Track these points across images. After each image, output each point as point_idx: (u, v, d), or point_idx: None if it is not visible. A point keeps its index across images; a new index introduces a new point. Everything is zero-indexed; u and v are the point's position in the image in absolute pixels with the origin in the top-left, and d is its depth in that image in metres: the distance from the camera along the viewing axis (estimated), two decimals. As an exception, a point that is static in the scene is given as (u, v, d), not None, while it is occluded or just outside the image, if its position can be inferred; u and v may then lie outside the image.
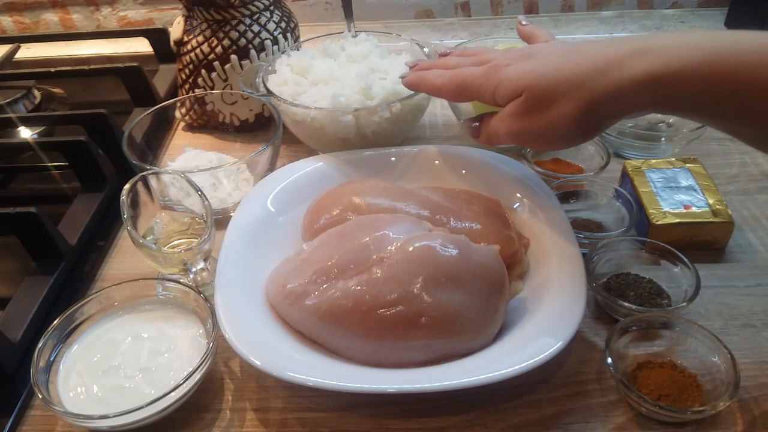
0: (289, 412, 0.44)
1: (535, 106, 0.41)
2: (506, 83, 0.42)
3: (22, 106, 0.80)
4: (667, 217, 0.53)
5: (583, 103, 0.39)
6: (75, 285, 0.55)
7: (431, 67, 0.50)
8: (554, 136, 0.42)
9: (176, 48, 0.74)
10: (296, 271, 0.47)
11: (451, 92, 0.48)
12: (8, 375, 0.47)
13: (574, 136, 0.42)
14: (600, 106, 0.39)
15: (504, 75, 0.43)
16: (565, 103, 0.39)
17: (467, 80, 0.46)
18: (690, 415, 0.40)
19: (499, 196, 0.55)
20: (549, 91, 0.40)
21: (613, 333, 0.43)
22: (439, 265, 0.43)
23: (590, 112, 0.39)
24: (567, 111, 0.39)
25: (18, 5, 1.02)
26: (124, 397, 0.42)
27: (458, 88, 0.47)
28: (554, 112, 0.40)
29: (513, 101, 0.42)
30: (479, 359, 0.42)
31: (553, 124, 0.41)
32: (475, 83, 0.45)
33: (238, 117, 0.73)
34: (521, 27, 0.53)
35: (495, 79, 0.43)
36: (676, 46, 0.36)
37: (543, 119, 0.41)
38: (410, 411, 0.43)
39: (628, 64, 0.37)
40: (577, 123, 0.40)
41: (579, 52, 0.41)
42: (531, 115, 0.41)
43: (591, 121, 0.40)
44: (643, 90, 0.37)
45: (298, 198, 0.55)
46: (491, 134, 0.46)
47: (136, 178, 0.50)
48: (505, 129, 0.44)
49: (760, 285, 0.51)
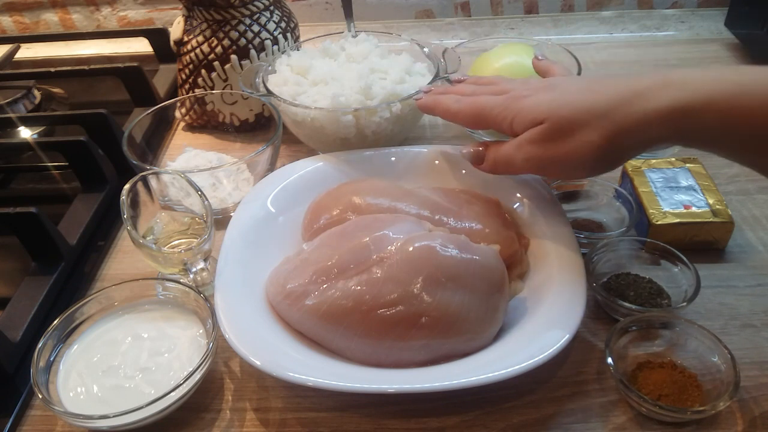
0: (289, 412, 0.44)
1: (558, 133, 0.41)
2: (526, 111, 0.42)
3: (22, 106, 0.80)
4: (667, 217, 0.53)
5: (607, 132, 0.39)
6: (75, 285, 0.55)
7: (447, 93, 0.51)
8: (576, 165, 0.41)
9: (176, 48, 0.74)
10: (296, 271, 0.47)
11: (468, 119, 0.48)
12: (8, 375, 0.47)
13: (596, 166, 0.41)
14: (624, 137, 0.39)
15: (524, 104, 0.43)
16: (589, 132, 0.39)
17: (486, 108, 0.46)
18: (690, 415, 0.40)
19: (499, 196, 0.55)
20: (572, 119, 0.40)
21: (613, 333, 0.43)
22: (439, 265, 0.43)
23: (614, 143, 0.39)
24: (591, 140, 0.39)
25: (18, 5, 1.02)
26: (124, 397, 0.42)
27: (476, 115, 0.47)
28: (577, 141, 0.40)
29: (533, 128, 0.42)
30: (479, 359, 0.42)
31: (575, 153, 0.40)
32: (494, 112, 0.45)
33: (238, 117, 0.73)
34: (537, 62, 0.53)
35: (514, 108, 0.43)
36: (699, 79, 0.36)
37: (565, 147, 0.41)
38: (410, 411, 0.43)
39: (652, 96, 0.37)
40: (601, 152, 0.40)
41: (601, 83, 0.41)
42: (552, 143, 0.41)
43: (614, 152, 0.40)
44: (668, 122, 0.37)
45: (298, 198, 0.55)
46: (502, 160, 0.46)
47: (136, 178, 0.50)
48: (522, 155, 0.43)
49: (760, 285, 0.51)
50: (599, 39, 0.92)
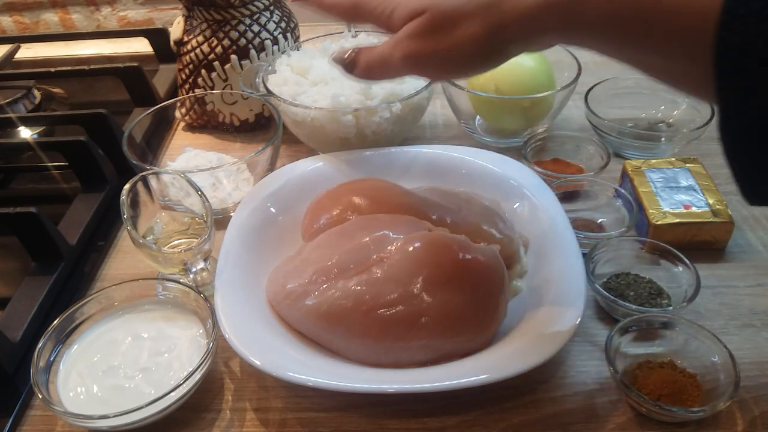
0: (289, 412, 0.44)
1: (438, 26, 0.38)
2: (406, 1, 0.39)
3: (22, 106, 0.80)
4: (667, 217, 0.53)
5: (490, 24, 0.37)
6: (75, 285, 0.55)
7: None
8: (458, 60, 0.39)
9: (176, 48, 0.74)
10: (296, 271, 0.47)
11: (344, 10, 0.43)
12: (8, 375, 0.47)
13: (476, 61, 0.39)
14: (506, 28, 0.37)
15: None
16: (471, 24, 0.37)
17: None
18: (690, 415, 0.40)
19: (499, 196, 0.55)
20: (455, 9, 0.37)
21: (613, 333, 0.43)
22: (439, 265, 0.43)
23: (496, 35, 0.37)
24: (473, 32, 0.37)
25: (18, 5, 1.02)
26: (124, 397, 0.42)
27: (353, 6, 0.43)
28: (459, 33, 0.37)
29: (412, 21, 0.39)
30: (479, 359, 0.42)
31: (457, 47, 0.38)
32: (372, 3, 0.41)
33: (238, 117, 0.73)
34: None
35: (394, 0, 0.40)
36: None
37: (446, 41, 0.38)
38: (410, 411, 0.43)
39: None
40: (482, 45, 0.37)
41: None
42: (432, 37, 0.38)
43: (496, 45, 0.38)
44: (549, 13, 0.35)
45: (298, 198, 0.55)
46: (378, 61, 0.42)
47: (136, 178, 0.50)
48: (401, 52, 0.40)
49: (760, 285, 0.51)
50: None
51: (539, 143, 0.65)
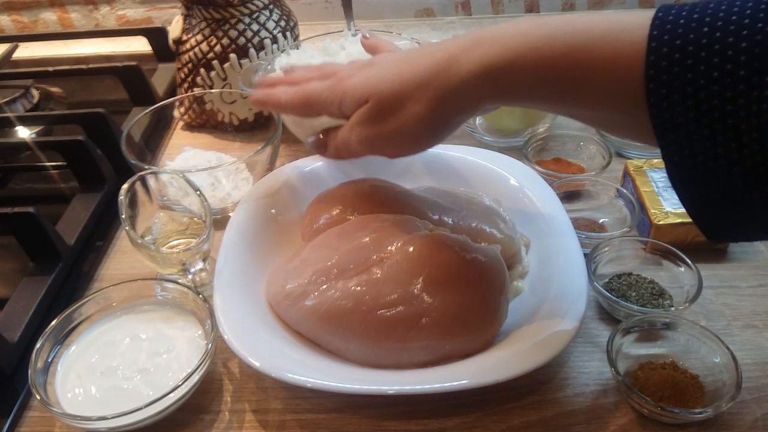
0: (288, 414, 0.44)
1: (383, 110, 0.40)
2: (350, 92, 0.42)
3: (20, 106, 0.79)
4: (669, 217, 0.52)
5: (431, 101, 0.38)
6: (73, 285, 0.55)
7: (278, 83, 0.49)
8: (406, 139, 0.41)
9: (175, 47, 0.74)
10: (296, 271, 0.46)
11: (298, 108, 0.46)
12: (6, 376, 0.46)
13: (426, 136, 0.41)
14: (448, 104, 0.38)
15: (348, 85, 0.42)
16: (413, 104, 0.39)
17: (313, 95, 0.44)
18: (692, 416, 0.40)
19: (499, 196, 0.55)
20: (394, 94, 0.39)
21: (615, 334, 0.43)
22: (439, 266, 0.43)
23: (439, 110, 0.38)
24: (416, 111, 0.39)
25: (16, 4, 1.01)
26: (123, 398, 0.42)
27: (304, 103, 0.45)
28: (404, 114, 0.39)
29: (360, 109, 0.41)
30: (480, 360, 0.42)
31: (404, 127, 0.40)
32: (321, 97, 0.44)
33: (237, 116, 0.72)
34: (365, 41, 0.52)
35: (339, 90, 0.42)
36: (510, 34, 0.35)
37: (393, 123, 0.40)
38: (410, 412, 0.43)
39: (465, 58, 0.36)
40: (429, 122, 0.39)
41: (421, 53, 0.40)
42: (380, 121, 0.41)
43: (441, 119, 0.39)
44: (483, 82, 0.36)
45: (298, 198, 0.55)
46: (341, 145, 0.44)
47: (135, 178, 0.49)
48: (356, 137, 0.42)
49: (762, 285, 0.51)
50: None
51: (540, 143, 0.65)
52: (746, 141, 0.28)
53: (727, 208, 0.31)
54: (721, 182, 0.29)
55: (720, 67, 0.28)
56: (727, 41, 0.27)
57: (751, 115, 0.27)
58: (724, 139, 0.28)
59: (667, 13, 0.30)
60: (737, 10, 0.28)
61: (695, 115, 0.29)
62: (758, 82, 0.27)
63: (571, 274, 0.45)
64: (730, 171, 0.29)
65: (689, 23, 0.29)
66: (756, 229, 0.32)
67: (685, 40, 0.28)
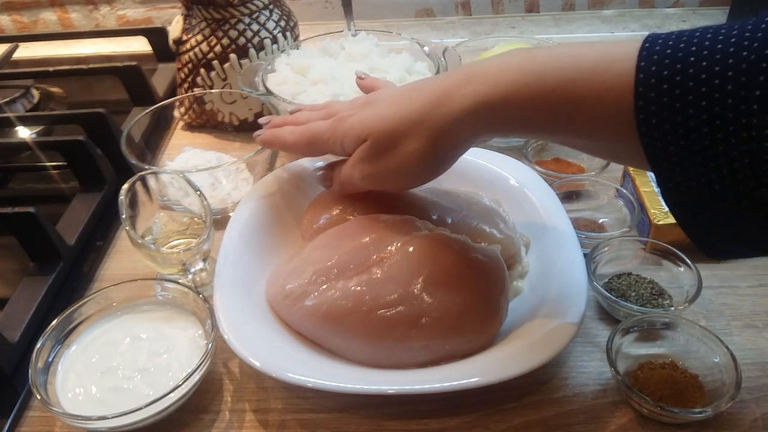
0: (288, 414, 0.44)
1: (381, 148, 0.41)
2: (350, 132, 0.43)
3: (20, 106, 0.79)
4: (668, 217, 0.52)
5: (426, 138, 0.39)
6: (73, 285, 0.55)
7: (284, 124, 0.50)
8: (405, 174, 0.42)
9: (175, 47, 0.74)
10: (296, 271, 0.46)
11: (304, 148, 0.48)
12: (6, 376, 0.46)
13: (424, 172, 0.42)
14: (441, 140, 0.39)
15: (348, 125, 0.43)
16: (411, 141, 0.40)
17: (316, 135, 0.46)
18: (691, 416, 0.40)
19: (499, 196, 0.55)
20: (391, 132, 0.40)
21: (615, 334, 0.43)
22: (439, 266, 0.43)
23: (436, 147, 0.39)
24: (414, 148, 0.40)
25: (16, 4, 1.01)
26: (123, 398, 0.42)
27: (309, 143, 0.47)
28: (401, 152, 0.40)
29: (360, 147, 0.43)
30: (480, 360, 0.42)
31: (403, 163, 0.41)
32: (324, 136, 0.45)
33: (237, 116, 0.72)
34: (360, 81, 0.53)
35: (341, 130, 0.44)
36: (498, 71, 0.36)
37: (392, 160, 0.41)
38: (410, 412, 0.43)
39: (457, 95, 0.37)
40: (427, 158, 0.40)
41: (415, 90, 0.41)
42: (379, 158, 0.42)
43: (437, 155, 0.40)
44: (475, 118, 0.37)
45: (298, 198, 0.55)
46: (345, 180, 0.46)
47: (135, 178, 0.49)
48: (358, 174, 0.44)
49: (762, 285, 0.51)
50: (601, 38, 0.91)
51: (540, 143, 0.65)
52: (738, 167, 0.28)
53: (723, 230, 0.31)
54: (716, 206, 0.30)
55: (708, 96, 0.28)
56: (714, 70, 0.28)
57: (741, 142, 0.27)
58: (716, 165, 0.29)
59: (654, 44, 0.30)
60: (722, 38, 0.28)
61: (686, 143, 0.29)
62: (745, 110, 0.27)
63: (570, 274, 0.45)
64: (724, 197, 0.29)
65: (676, 53, 0.29)
66: (752, 248, 0.33)
67: (672, 70, 0.29)
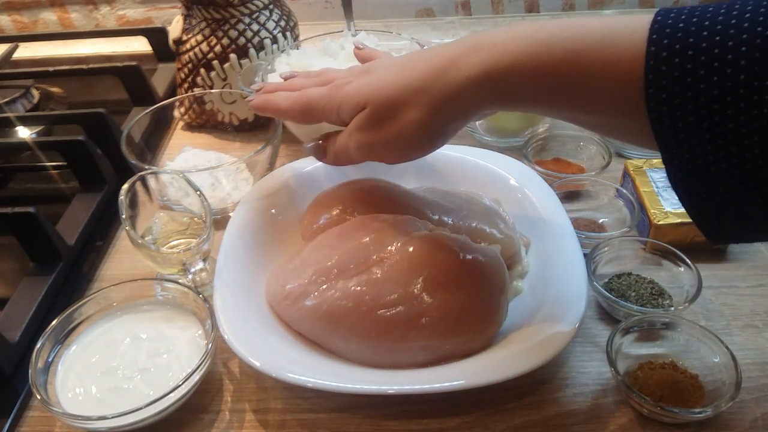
0: (288, 414, 0.44)
1: (380, 116, 0.40)
2: (348, 99, 0.42)
3: (20, 106, 0.79)
4: (668, 217, 0.52)
5: (428, 107, 0.38)
6: (73, 285, 0.55)
7: (277, 90, 0.49)
8: (404, 145, 0.41)
9: (175, 47, 0.74)
10: (296, 271, 0.46)
11: (298, 114, 0.46)
12: (6, 376, 0.46)
13: (424, 142, 0.41)
14: (445, 109, 0.38)
15: (345, 92, 0.42)
16: (411, 110, 0.39)
17: (312, 101, 0.45)
18: (691, 415, 0.40)
19: (499, 196, 0.55)
20: (391, 100, 0.39)
21: (615, 334, 0.43)
22: (439, 266, 0.43)
23: (437, 116, 0.38)
24: (414, 117, 0.39)
25: (16, 4, 1.01)
26: (123, 398, 0.42)
27: (304, 110, 0.45)
28: (401, 120, 0.39)
29: (358, 115, 0.42)
30: (480, 360, 0.42)
31: (401, 133, 0.40)
32: (320, 103, 0.44)
33: (237, 116, 0.72)
34: (358, 52, 0.52)
35: (338, 97, 0.43)
36: (505, 40, 0.35)
37: (391, 129, 0.40)
38: (410, 412, 0.43)
39: (463, 63, 0.36)
40: (427, 128, 0.39)
41: (419, 59, 0.40)
42: (378, 127, 0.41)
43: (438, 125, 0.39)
44: (481, 87, 0.36)
45: (298, 198, 0.55)
46: (339, 151, 0.45)
47: (135, 178, 0.49)
48: (354, 143, 0.42)
49: (762, 285, 0.51)
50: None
51: (540, 143, 0.65)
52: (746, 145, 0.28)
53: (727, 211, 0.31)
54: (722, 185, 0.29)
55: (720, 71, 0.27)
56: (727, 45, 0.27)
57: (751, 119, 0.27)
58: (724, 143, 0.28)
59: (666, 17, 0.30)
60: (737, 14, 0.28)
61: (695, 120, 0.28)
62: (758, 86, 0.27)
63: (570, 274, 0.45)
64: (730, 175, 0.29)
65: (689, 27, 0.29)
66: (756, 231, 0.32)
67: (684, 44, 0.28)
